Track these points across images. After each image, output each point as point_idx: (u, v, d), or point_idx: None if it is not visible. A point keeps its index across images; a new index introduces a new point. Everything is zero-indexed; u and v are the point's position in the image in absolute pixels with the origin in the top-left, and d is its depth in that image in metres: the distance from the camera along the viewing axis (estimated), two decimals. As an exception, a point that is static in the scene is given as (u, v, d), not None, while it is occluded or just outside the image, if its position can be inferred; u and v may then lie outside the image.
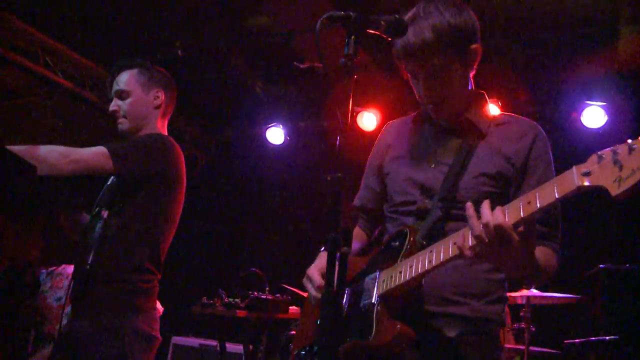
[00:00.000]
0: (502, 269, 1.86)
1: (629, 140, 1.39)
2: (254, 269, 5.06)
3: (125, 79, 3.00)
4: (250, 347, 5.12)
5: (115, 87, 3.00)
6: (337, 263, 1.51)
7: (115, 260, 2.73)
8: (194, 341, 6.02)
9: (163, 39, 5.82)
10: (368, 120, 6.52)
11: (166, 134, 3.08)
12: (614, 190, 1.37)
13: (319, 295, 1.99)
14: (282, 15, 5.40)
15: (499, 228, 1.57)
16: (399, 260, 1.90)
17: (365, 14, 1.71)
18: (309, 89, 6.48)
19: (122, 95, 2.99)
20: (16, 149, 2.44)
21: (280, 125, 7.09)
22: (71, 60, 6.05)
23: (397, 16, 1.76)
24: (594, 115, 5.72)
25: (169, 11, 5.49)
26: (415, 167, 2.14)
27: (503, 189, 2.00)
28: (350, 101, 1.61)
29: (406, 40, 1.97)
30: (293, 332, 5.00)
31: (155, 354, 2.82)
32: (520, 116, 2.18)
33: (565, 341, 4.69)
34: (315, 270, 2.08)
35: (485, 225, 1.59)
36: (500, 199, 1.87)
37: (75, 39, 5.87)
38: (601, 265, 4.75)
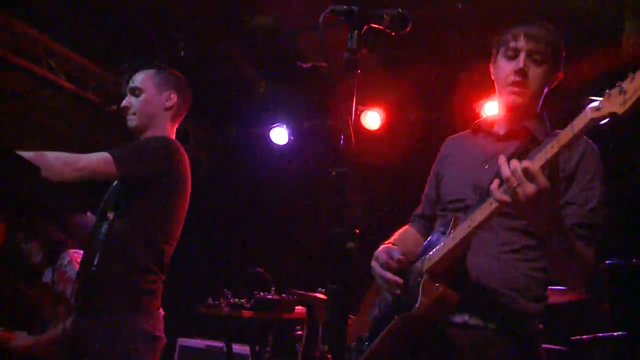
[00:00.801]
0: (531, 222, 1.88)
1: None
2: (259, 269, 5.06)
3: (140, 78, 3.06)
4: (257, 347, 5.11)
5: (130, 85, 3.06)
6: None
7: (120, 261, 2.75)
8: (200, 343, 6.01)
9: (165, 39, 5.81)
10: (372, 118, 6.50)
11: (173, 137, 3.10)
12: (620, 110, 1.51)
13: (385, 274, 2.11)
14: (285, 15, 5.39)
15: (526, 170, 1.68)
16: (443, 240, 2.00)
17: (368, 8, 1.70)
18: (312, 89, 6.46)
19: (135, 92, 3.04)
20: (24, 155, 2.46)
21: (284, 126, 7.07)
22: (74, 62, 6.04)
23: (400, 10, 1.76)
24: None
25: (171, 11, 5.48)
26: (470, 168, 2.23)
27: None
28: (355, 97, 1.61)
29: (531, 27, 2.17)
30: (299, 332, 4.99)
31: (160, 354, 2.83)
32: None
33: (573, 338, 4.66)
34: (382, 249, 2.20)
35: (514, 170, 1.69)
36: None
37: (78, 41, 5.87)
38: (607, 261, 4.72)
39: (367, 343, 2.18)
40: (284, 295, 4.79)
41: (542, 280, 2.09)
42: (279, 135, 7.11)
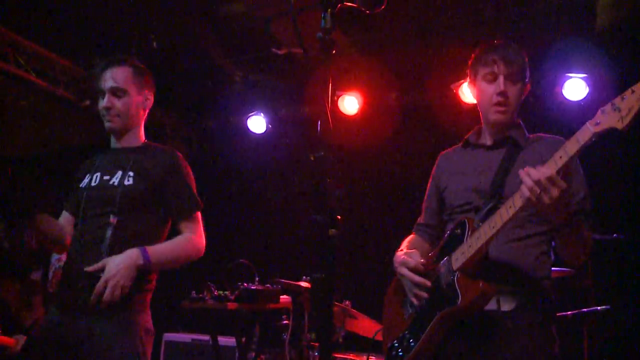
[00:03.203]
0: (551, 217, 2.18)
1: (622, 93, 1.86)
2: (242, 260, 5.01)
3: (122, 77, 2.95)
4: (243, 339, 5.07)
5: (111, 83, 2.93)
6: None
7: None
8: (186, 337, 5.98)
9: (137, 31, 5.70)
10: (349, 103, 6.46)
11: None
12: (620, 125, 1.84)
13: (414, 277, 2.42)
14: (257, 1, 5.31)
15: (549, 178, 1.98)
16: (465, 240, 2.30)
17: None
18: (289, 76, 6.41)
19: (117, 93, 2.94)
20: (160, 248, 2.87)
21: (262, 114, 7.01)
22: (43, 59, 5.92)
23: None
24: (575, 88, 5.70)
25: (142, 3, 5.37)
26: (470, 177, 2.57)
27: None
28: (331, 78, 1.56)
29: (504, 52, 2.52)
30: (285, 322, 4.96)
31: None
32: (549, 134, 2.63)
33: (558, 314, 4.69)
34: (405, 254, 2.50)
35: (537, 180, 1.98)
36: None
37: (47, 37, 5.74)
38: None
39: (411, 340, 2.42)
40: (268, 285, 4.75)
41: (547, 261, 2.44)
42: (257, 124, 7.05)
